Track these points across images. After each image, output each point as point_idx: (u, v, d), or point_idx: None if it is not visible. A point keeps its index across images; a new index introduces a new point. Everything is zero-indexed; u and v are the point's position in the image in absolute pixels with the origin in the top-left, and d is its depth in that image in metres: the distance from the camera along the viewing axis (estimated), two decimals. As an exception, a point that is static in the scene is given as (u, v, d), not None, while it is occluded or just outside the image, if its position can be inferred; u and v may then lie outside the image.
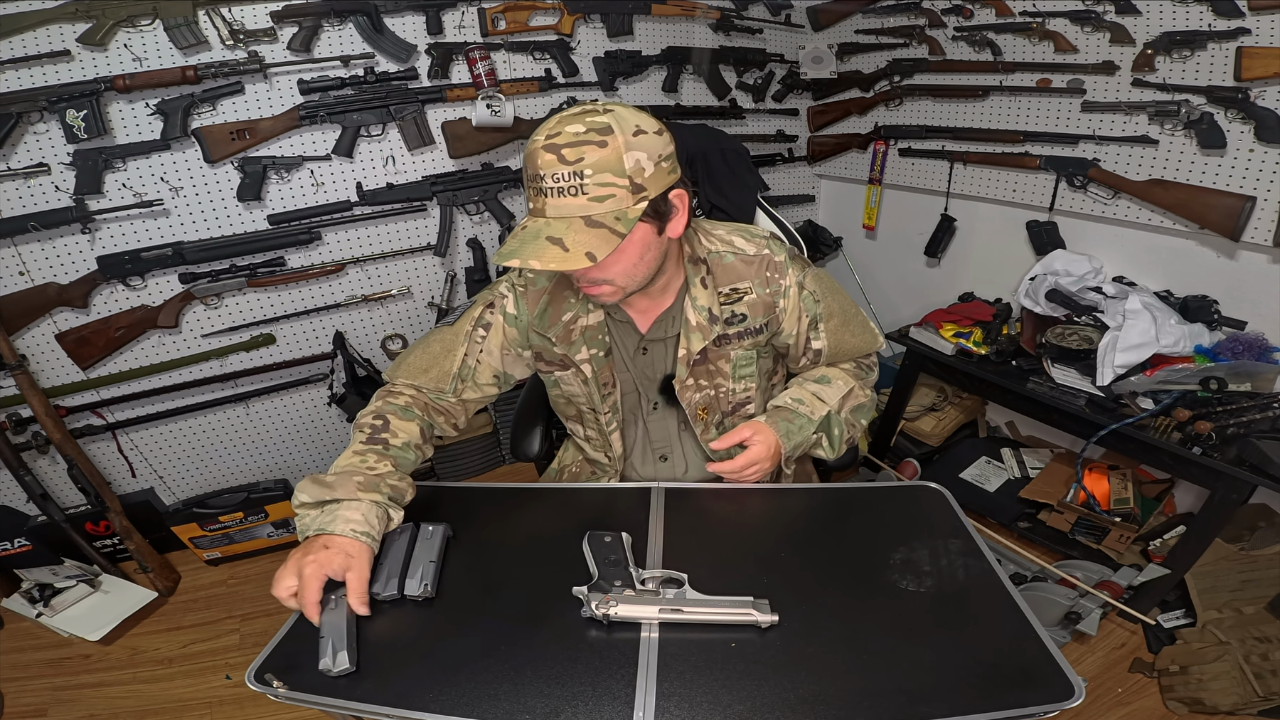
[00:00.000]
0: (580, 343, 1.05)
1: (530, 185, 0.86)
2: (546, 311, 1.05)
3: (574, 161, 0.81)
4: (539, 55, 2.03)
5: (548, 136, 0.83)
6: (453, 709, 0.70)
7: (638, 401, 1.12)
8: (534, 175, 0.84)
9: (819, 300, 1.09)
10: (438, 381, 1.07)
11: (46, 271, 1.74)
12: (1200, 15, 1.53)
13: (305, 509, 0.90)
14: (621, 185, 0.83)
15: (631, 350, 1.08)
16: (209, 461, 2.14)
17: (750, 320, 1.06)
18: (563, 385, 1.11)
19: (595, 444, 1.17)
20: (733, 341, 1.06)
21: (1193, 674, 1.48)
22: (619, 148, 0.83)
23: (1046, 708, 0.69)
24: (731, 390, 1.10)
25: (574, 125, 0.83)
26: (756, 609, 0.78)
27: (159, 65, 1.66)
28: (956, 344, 1.96)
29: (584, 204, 0.83)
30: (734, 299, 1.05)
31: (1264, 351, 1.54)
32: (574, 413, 1.16)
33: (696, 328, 1.03)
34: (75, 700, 1.64)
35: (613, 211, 0.84)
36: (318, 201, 1.93)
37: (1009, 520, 1.93)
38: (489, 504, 1.05)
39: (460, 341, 1.06)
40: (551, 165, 0.82)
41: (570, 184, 0.82)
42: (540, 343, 1.08)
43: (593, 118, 0.83)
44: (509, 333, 1.08)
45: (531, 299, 1.06)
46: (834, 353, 1.13)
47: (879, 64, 2.30)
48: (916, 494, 1.07)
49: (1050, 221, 1.97)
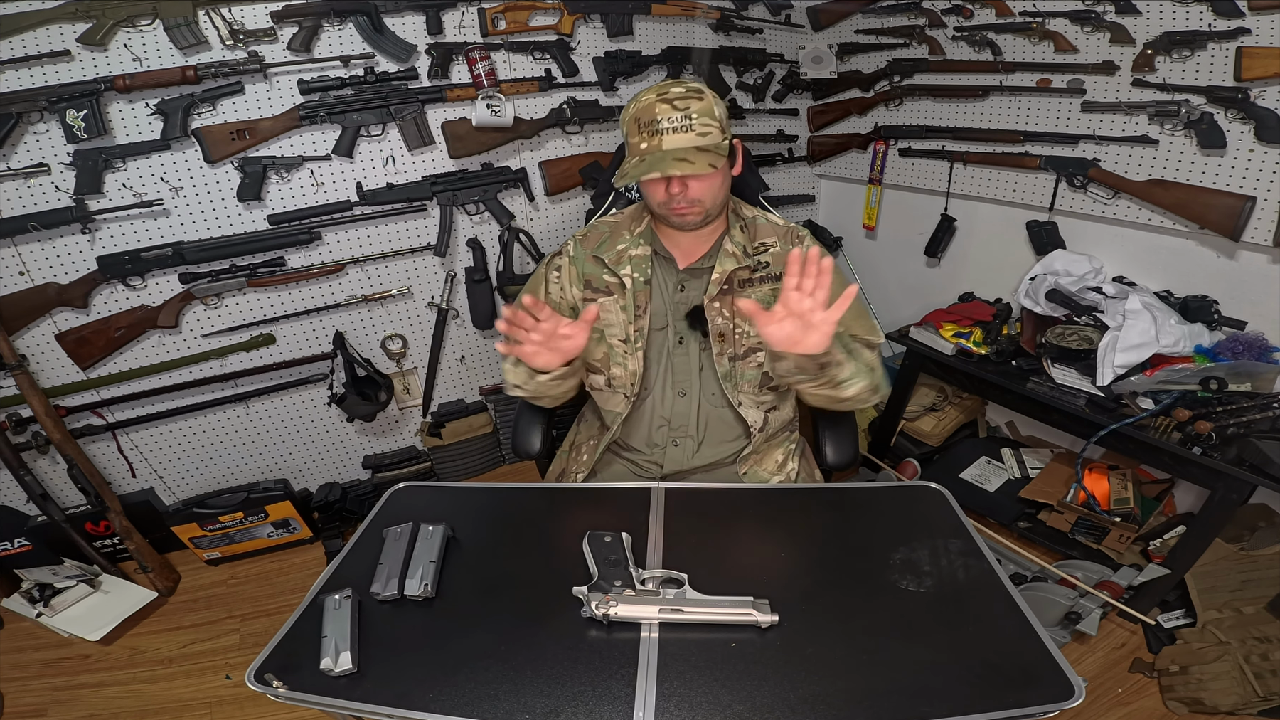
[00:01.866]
0: (627, 263, 1.23)
1: (646, 129, 1.09)
2: (606, 240, 1.26)
3: (684, 108, 1.08)
4: (539, 55, 2.03)
5: (659, 94, 1.10)
6: (453, 709, 0.70)
7: (664, 338, 1.24)
8: (651, 120, 1.09)
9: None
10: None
11: (46, 271, 1.74)
12: (1200, 15, 1.53)
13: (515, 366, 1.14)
14: (715, 125, 1.10)
15: (670, 287, 1.24)
16: (209, 461, 2.14)
17: (773, 267, 1.22)
18: (601, 314, 1.23)
19: (618, 383, 1.24)
20: (756, 284, 1.22)
21: (1193, 674, 1.48)
22: (711, 100, 1.11)
23: (1046, 708, 0.69)
24: (745, 332, 1.21)
25: (677, 87, 1.11)
26: (756, 609, 0.78)
27: (159, 65, 1.66)
28: (956, 344, 1.96)
29: (693, 138, 1.08)
30: (761, 250, 1.23)
31: (1264, 351, 1.53)
32: (601, 355, 1.25)
33: (731, 255, 1.20)
34: (75, 700, 1.64)
35: (713, 143, 1.09)
36: (318, 201, 1.93)
37: (1009, 520, 1.93)
38: (489, 504, 1.05)
39: (541, 279, 1.32)
40: (667, 111, 1.08)
41: (682, 124, 1.08)
42: (593, 270, 1.26)
43: (689, 83, 1.12)
44: (572, 271, 1.28)
45: (592, 240, 1.29)
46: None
47: (879, 64, 2.30)
48: (916, 494, 1.07)
49: (1050, 221, 1.97)
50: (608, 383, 1.26)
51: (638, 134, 1.11)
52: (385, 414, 2.21)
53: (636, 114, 1.12)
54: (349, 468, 2.35)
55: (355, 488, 2.26)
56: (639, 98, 1.13)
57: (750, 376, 1.22)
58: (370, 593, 0.85)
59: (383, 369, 2.16)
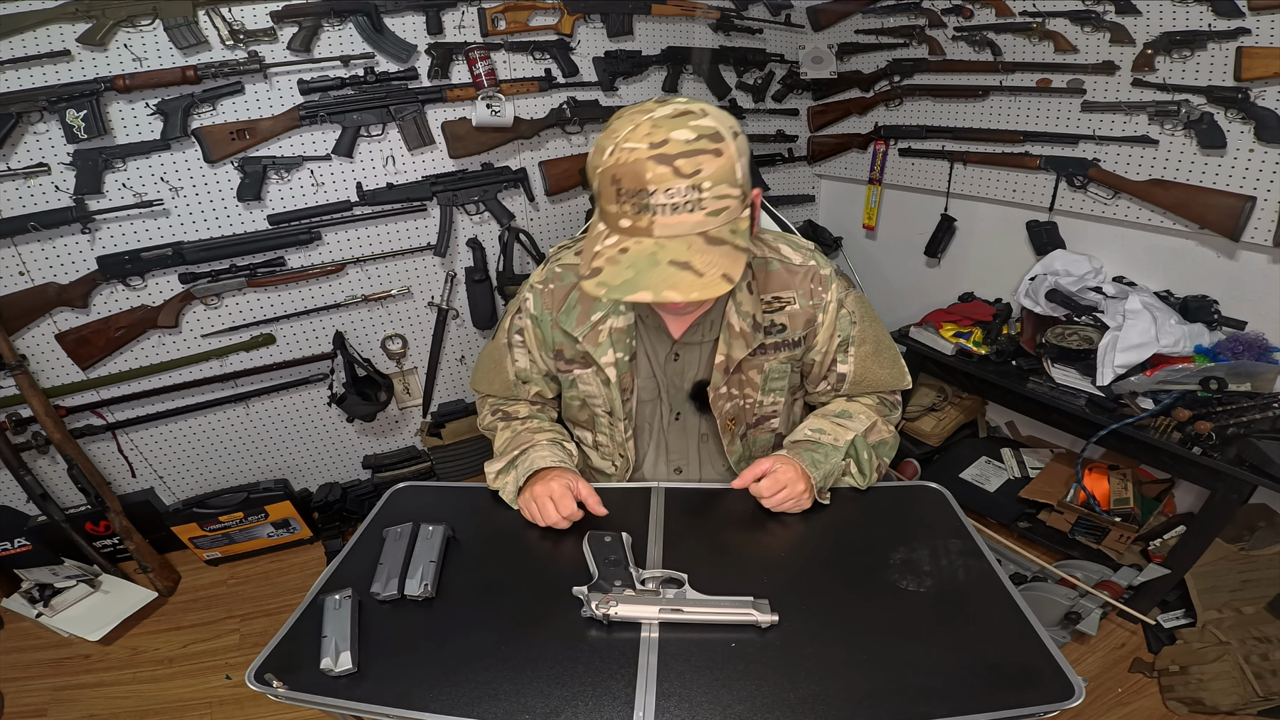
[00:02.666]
0: (607, 344, 0.99)
1: (628, 200, 0.75)
2: (575, 309, 1.00)
3: (691, 174, 0.73)
4: (539, 55, 2.03)
5: (653, 145, 0.73)
6: (453, 709, 0.70)
7: (656, 410, 1.08)
8: (637, 190, 0.74)
9: (855, 322, 1.04)
10: (504, 390, 1.15)
11: (46, 271, 1.74)
12: (1200, 15, 1.53)
13: (500, 476, 1.03)
14: (734, 195, 0.76)
15: (662, 357, 1.03)
16: (209, 461, 2.14)
17: (789, 332, 1.01)
18: (580, 385, 1.07)
19: (605, 451, 1.14)
20: (769, 352, 1.01)
21: (1193, 674, 1.48)
22: (732, 155, 0.75)
23: (1046, 708, 0.69)
24: (759, 403, 1.06)
25: (681, 131, 0.73)
26: (756, 609, 0.78)
27: (159, 65, 1.66)
28: (956, 344, 1.96)
29: (700, 220, 0.75)
30: (775, 308, 1.00)
31: (1264, 351, 1.53)
32: (586, 417, 1.13)
33: (740, 334, 0.97)
34: (75, 700, 1.64)
35: (728, 224, 0.76)
36: (318, 201, 1.93)
37: (1009, 520, 1.93)
38: (489, 504, 1.05)
39: (504, 353, 1.12)
40: (665, 179, 0.72)
41: (687, 199, 0.73)
42: (563, 340, 1.04)
43: (696, 121, 0.74)
44: (535, 335, 1.07)
45: (556, 296, 1.02)
46: (858, 381, 1.07)
47: (879, 64, 2.30)
48: (916, 494, 1.07)
49: (1050, 221, 1.97)
50: (595, 445, 1.15)
51: (616, 202, 0.76)
52: (385, 414, 2.21)
53: (615, 171, 0.75)
54: (349, 468, 2.35)
55: (355, 488, 2.26)
56: (618, 136, 0.75)
57: (764, 442, 1.12)
58: (370, 593, 0.85)
59: (383, 369, 2.16)
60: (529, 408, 1.16)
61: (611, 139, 0.76)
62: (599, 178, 0.78)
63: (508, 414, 1.15)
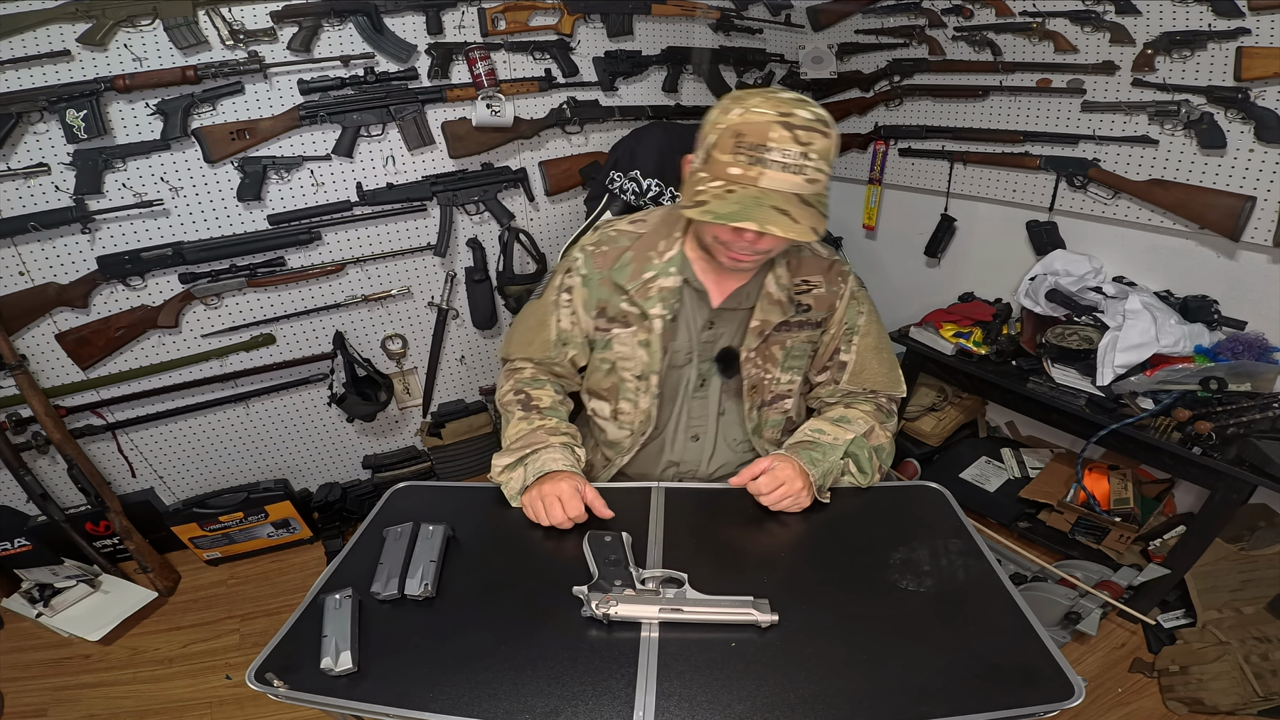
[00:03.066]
0: (655, 299, 1.06)
1: (746, 153, 0.87)
2: (628, 266, 1.08)
3: (806, 144, 0.86)
4: (539, 55, 2.03)
5: (781, 114, 0.86)
6: (453, 709, 0.70)
7: (683, 376, 1.14)
8: (757, 145, 0.86)
9: (862, 313, 1.14)
10: (542, 350, 1.17)
11: (46, 271, 1.74)
12: (1200, 15, 1.53)
13: (507, 472, 1.04)
14: (827, 172, 0.90)
15: (699, 324, 1.10)
16: (209, 461, 2.14)
17: (813, 313, 1.11)
18: (615, 345, 1.11)
19: (624, 419, 1.15)
20: (793, 330, 1.11)
21: (1193, 674, 1.48)
22: (835, 140, 0.90)
23: (1046, 707, 0.69)
24: (776, 379, 1.13)
25: (802, 110, 0.87)
26: (756, 609, 0.78)
27: (159, 65, 1.66)
28: (956, 344, 1.96)
29: (800, 183, 0.87)
30: (803, 290, 1.10)
31: (1264, 351, 1.53)
32: (609, 385, 1.15)
33: (776, 301, 1.07)
34: (75, 700, 1.64)
35: (816, 194, 0.90)
36: (318, 201, 1.93)
37: (1009, 520, 1.93)
38: (489, 504, 1.05)
39: (550, 310, 1.15)
40: (784, 141, 0.85)
41: (796, 163, 0.86)
42: (609, 296, 1.10)
43: (814, 108, 0.89)
44: (582, 294, 1.12)
45: (609, 256, 1.10)
46: (857, 372, 1.13)
47: (879, 64, 2.30)
48: (916, 494, 1.07)
49: (1050, 221, 1.97)
50: (614, 415, 1.17)
51: (731, 152, 0.88)
52: (385, 414, 2.21)
53: (740, 127, 0.87)
54: (349, 468, 2.35)
55: (355, 488, 2.26)
56: (748, 103, 0.88)
57: (775, 422, 1.17)
58: (370, 592, 0.85)
59: (383, 369, 2.16)
60: (551, 396, 1.15)
61: (740, 104, 0.89)
62: (719, 131, 0.90)
63: (529, 399, 1.13)
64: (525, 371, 1.18)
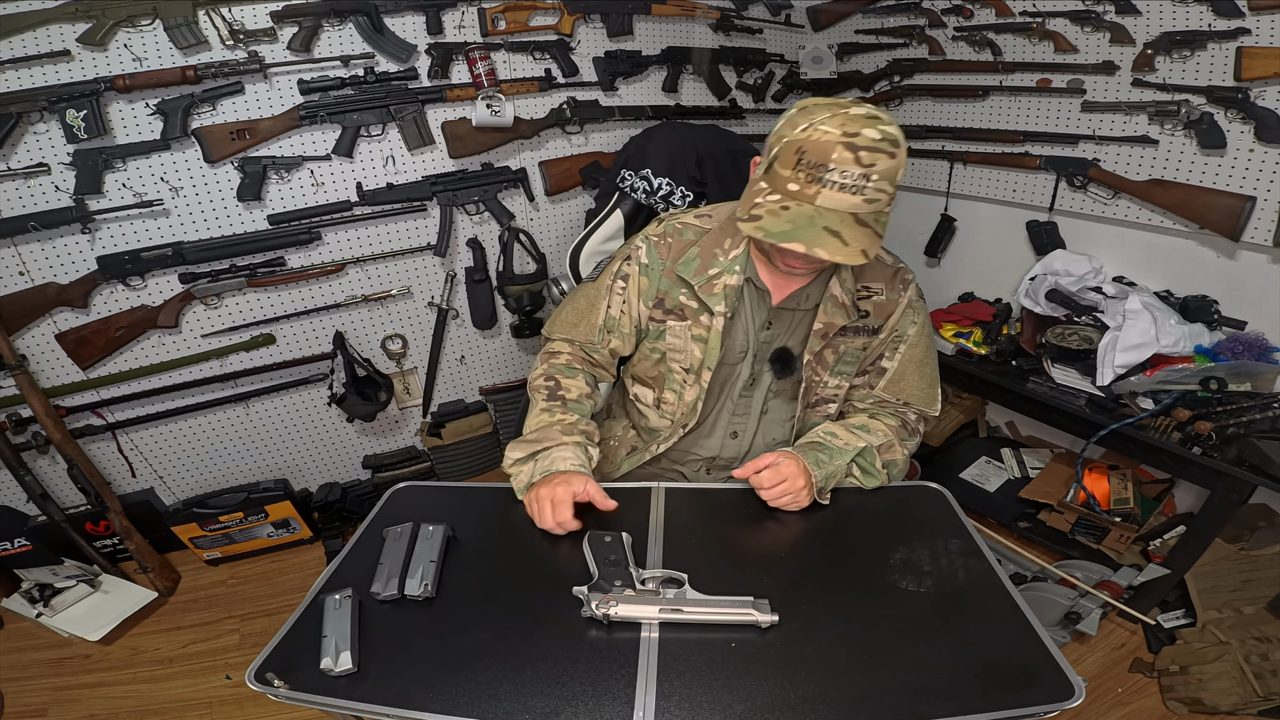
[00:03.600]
0: (720, 296, 1.06)
1: (805, 170, 0.86)
2: (694, 261, 1.08)
3: (868, 165, 0.84)
4: (539, 55, 2.03)
5: (846, 134, 0.84)
6: (453, 709, 0.70)
7: (734, 372, 1.13)
8: (818, 164, 0.85)
9: (915, 323, 1.12)
10: (587, 334, 1.16)
11: (46, 271, 1.74)
12: (1200, 15, 1.53)
13: (518, 465, 1.03)
14: (890, 192, 0.88)
15: (759, 322, 1.10)
16: (209, 461, 2.14)
17: (871, 319, 1.10)
18: (668, 337, 1.12)
19: (667, 409, 1.16)
20: (850, 335, 1.10)
21: (1193, 674, 1.48)
22: (901, 161, 0.88)
23: (1046, 708, 0.69)
24: (824, 382, 1.13)
25: (870, 130, 0.85)
26: (756, 609, 0.78)
27: (159, 65, 1.66)
28: (956, 344, 1.96)
29: (857, 203, 0.86)
30: (864, 296, 1.09)
31: (1264, 351, 1.53)
32: (656, 374, 1.15)
33: (841, 304, 1.06)
34: (75, 700, 1.64)
35: (875, 213, 0.88)
36: (318, 201, 1.93)
37: (1009, 520, 1.93)
38: (489, 504, 1.05)
39: (603, 294, 1.14)
40: (846, 163, 0.84)
41: (855, 184, 0.85)
42: (670, 288, 1.10)
43: (883, 126, 0.86)
44: (642, 282, 1.12)
45: (674, 249, 1.10)
46: (894, 381, 1.13)
47: (879, 64, 2.30)
48: (916, 494, 1.07)
49: (1050, 221, 1.97)
50: (656, 403, 1.17)
51: (793, 169, 0.87)
52: (385, 414, 2.21)
53: (803, 144, 0.86)
54: (349, 468, 2.35)
55: (355, 488, 2.26)
56: (816, 117, 0.86)
57: (815, 424, 1.16)
58: (370, 593, 0.85)
59: (383, 369, 2.16)
60: (581, 387, 1.13)
61: (807, 118, 0.87)
62: (783, 145, 0.89)
63: (558, 386, 1.12)
64: (561, 358, 1.17)
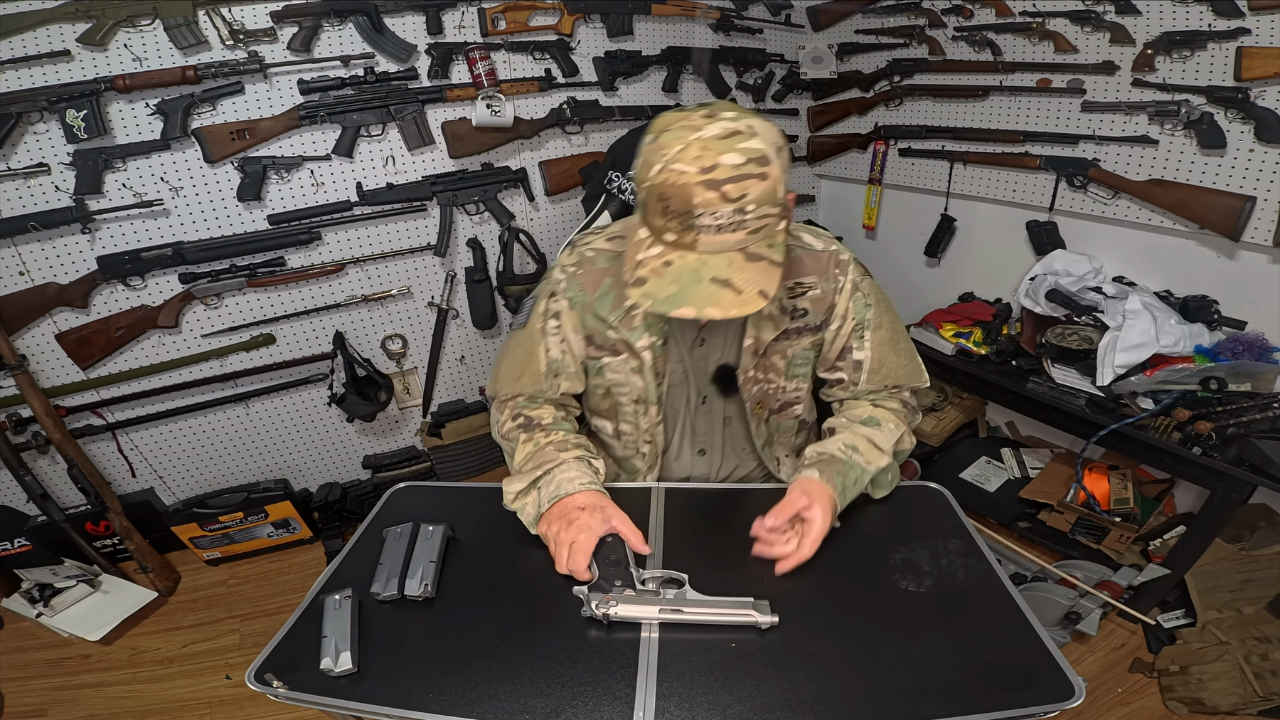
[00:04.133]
0: (642, 329, 1.00)
1: (675, 219, 0.78)
2: (609, 295, 1.01)
3: (737, 199, 0.76)
4: (539, 55, 2.03)
5: (703, 170, 0.75)
6: (453, 709, 0.70)
7: (683, 394, 1.09)
8: (684, 211, 0.77)
9: (870, 305, 1.04)
10: (533, 384, 1.07)
11: (46, 271, 1.74)
12: (1200, 15, 1.53)
13: (520, 497, 0.95)
14: (774, 213, 0.80)
15: (689, 342, 1.04)
16: (209, 461, 2.14)
17: (812, 316, 1.03)
18: (607, 373, 1.06)
19: (627, 440, 1.12)
20: (792, 337, 1.04)
21: (1193, 674, 1.48)
22: (777, 177, 0.78)
23: (1046, 708, 0.69)
24: (782, 388, 1.08)
25: (730, 155, 0.75)
26: (756, 609, 0.78)
27: (159, 65, 1.66)
28: (956, 344, 1.96)
29: (742, 238, 0.79)
30: (799, 293, 1.02)
31: (1264, 351, 1.53)
32: (608, 406, 1.11)
33: (768, 317, 0.99)
34: (75, 700, 1.64)
35: (766, 240, 0.81)
36: (318, 201, 1.93)
37: (1009, 520, 1.93)
38: (489, 504, 1.04)
39: (537, 339, 1.05)
40: (712, 204, 0.76)
41: (731, 221, 0.77)
42: (595, 325, 1.03)
43: (744, 143, 0.76)
44: (571, 318, 1.04)
45: (589, 280, 1.02)
46: (876, 369, 1.05)
47: (879, 64, 2.30)
48: (917, 494, 1.07)
49: (1050, 221, 1.97)
50: (616, 434, 1.13)
51: (662, 217, 0.79)
52: (385, 414, 2.21)
53: (662, 190, 0.78)
54: (349, 468, 2.35)
55: (355, 488, 2.26)
56: (667, 154, 0.77)
57: (787, 427, 1.12)
58: (370, 593, 0.85)
59: (383, 369, 2.16)
60: (553, 413, 1.06)
61: (660, 156, 0.78)
62: (646, 191, 0.81)
63: (529, 420, 1.04)
64: (520, 399, 1.09)
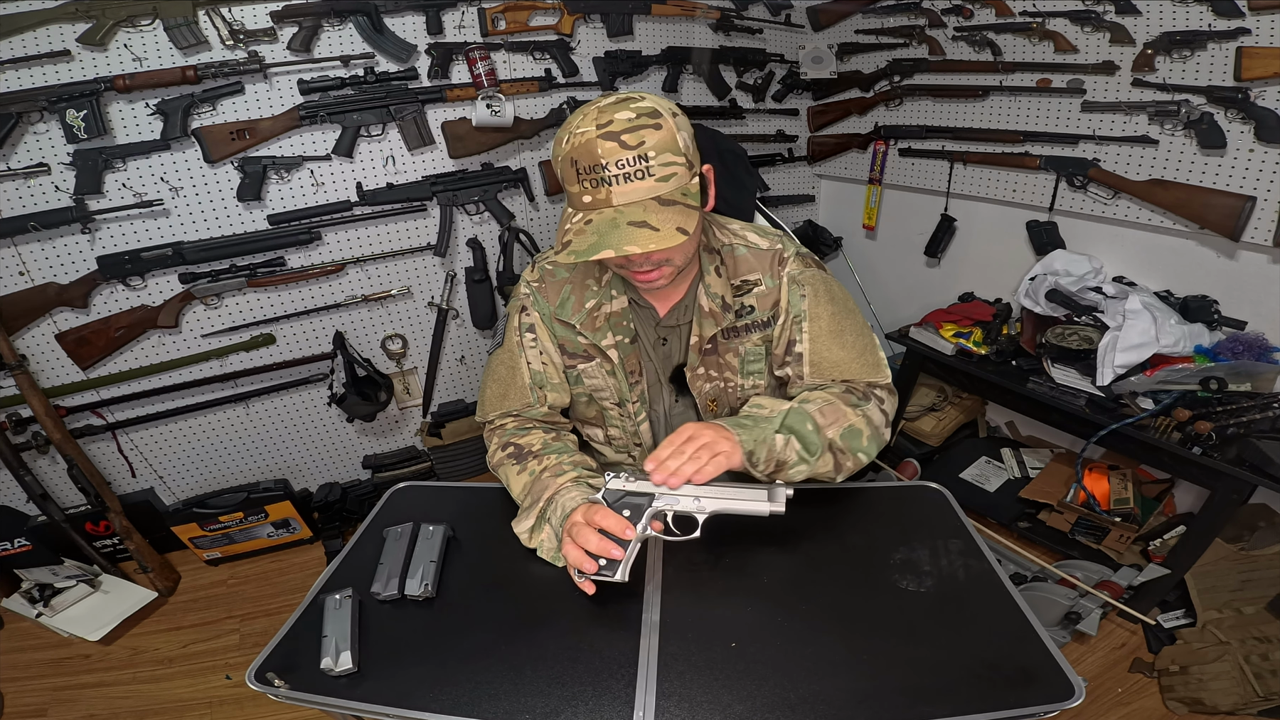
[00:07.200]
0: (606, 329, 1.03)
1: (587, 178, 0.83)
2: (569, 300, 1.04)
3: (636, 146, 0.82)
4: (539, 55, 2.03)
5: (600, 126, 0.82)
6: (453, 709, 0.70)
7: (659, 393, 1.11)
8: (593, 165, 0.83)
9: (805, 296, 1.02)
10: (520, 399, 1.08)
11: (46, 271, 1.74)
12: (1200, 15, 1.53)
13: (534, 534, 0.92)
14: (680, 163, 0.85)
15: (653, 339, 1.07)
16: (209, 461, 2.14)
17: (759, 313, 1.05)
18: (586, 379, 1.08)
19: (618, 444, 1.14)
20: (742, 335, 1.05)
21: (1193, 674, 1.48)
22: (671, 128, 0.85)
23: (1046, 708, 0.69)
24: (739, 386, 1.08)
25: (621, 112, 0.83)
26: (771, 498, 0.83)
27: (159, 65, 1.66)
28: (956, 344, 1.96)
29: (652, 185, 0.84)
30: (745, 290, 1.04)
31: (1264, 351, 1.53)
32: (595, 413, 1.13)
33: (709, 314, 1.02)
34: (75, 700, 1.64)
35: (679, 188, 0.86)
36: (318, 201, 1.93)
37: (1009, 520, 1.93)
38: (489, 504, 1.05)
39: (517, 355, 1.07)
40: (614, 152, 0.82)
41: (637, 167, 0.82)
42: (564, 333, 1.07)
43: (635, 104, 0.84)
44: (543, 331, 1.07)
45: (550, 291, 1.06)
46: (816, 365, 1.02)
47: (879, 64, 2.30)
48: (916, 494, 1.07)
49: (1050, 221, 1.97)
50: (607, 440, 1.15)
51: (576, 181, 0.85)
52: (385, 414, 2.21)
53: (571, 154, 0.84)
54: (349, 468, 2.35)
55: (355, 488, 2.26)
56: (572, 126, 0.85)
57: None
58: (370, 593, 0.85)
59: (383, 369, 2.16)
60: (542, 437, 1.04)
61: (566, 130, 0.86)
62: (560, 165, 0.88)
63: (519, 449, 1.03)
64: (508, 427, 1.09)
